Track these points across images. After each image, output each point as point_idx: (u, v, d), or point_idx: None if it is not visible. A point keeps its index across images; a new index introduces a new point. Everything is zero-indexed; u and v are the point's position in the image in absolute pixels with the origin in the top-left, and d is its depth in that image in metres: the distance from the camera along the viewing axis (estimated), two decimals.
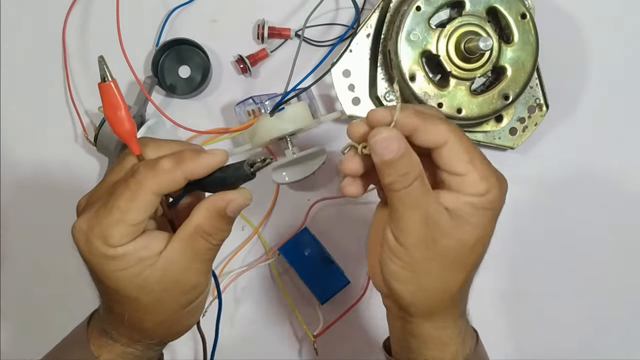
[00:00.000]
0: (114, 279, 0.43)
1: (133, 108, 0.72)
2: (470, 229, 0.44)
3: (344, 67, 0.72)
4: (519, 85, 0.67)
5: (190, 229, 0.44)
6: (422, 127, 0.44)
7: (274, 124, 0.70)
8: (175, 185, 0.43)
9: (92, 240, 0.42)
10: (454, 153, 0.44)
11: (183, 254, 0.44)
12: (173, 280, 0.44)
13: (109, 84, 0.43)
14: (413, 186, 0.43)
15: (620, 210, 0.78)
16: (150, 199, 0.42)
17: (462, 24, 0.66)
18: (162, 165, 0.42)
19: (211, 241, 0.45)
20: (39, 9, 0.77)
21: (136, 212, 0.42)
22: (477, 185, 0.44)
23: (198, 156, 0.43)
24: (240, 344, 0.76)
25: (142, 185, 0.42)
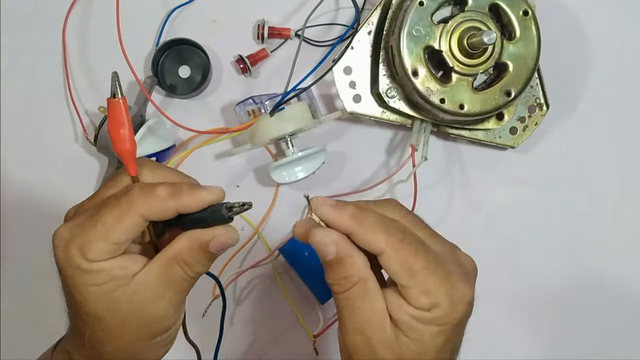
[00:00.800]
0: (83, 293, 0.42)
1: (133, 108, 0.72)
2: (410, 344, 0.42)
3: (345, 64, 0.72)
4: (521, 82, 0.67)
5: (169, 254, 0.43)
6: (356, 233, 0.42)
7: (274, 124, 0.70)
8: (165, 215, 0.42)
9: (70, 250, 0.42)
10: (390, 266, 0.41)
11: (157, 279, 0.43)
12: (142, 305, 0.43)
13: (118, 101, 0.44)
14: (351, 291, 0.42)
15: (620, 210, 0.78)
16: (137, 222, 0.41)
17: (465, 19, 0.66)
18: (157, 191, 0.42)
19: (187, 272, 0.44)
20: (39, 9, 0.77)
21: (120, 231, 0.41)
22: (419, 299, 0.41)
23: (195, 191, 0.42)
24: (240, 344, 0.76)
25: (133, 206, 0.41)
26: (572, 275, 0.78)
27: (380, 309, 0.42)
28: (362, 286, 0.42)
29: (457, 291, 0.42)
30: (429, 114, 0.70)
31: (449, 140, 0.77)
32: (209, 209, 0.44)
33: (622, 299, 0.78)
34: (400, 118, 0.72)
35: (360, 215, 0.42)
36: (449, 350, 0.43)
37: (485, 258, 0.77)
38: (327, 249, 0.42)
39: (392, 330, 0.42)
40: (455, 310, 0.41)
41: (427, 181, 0.74)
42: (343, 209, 0.42)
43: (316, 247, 0.42)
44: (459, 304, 0.42)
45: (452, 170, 0.77)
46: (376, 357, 0.42)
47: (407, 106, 0.71)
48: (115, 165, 0.73)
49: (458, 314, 0.42)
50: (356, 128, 0.77)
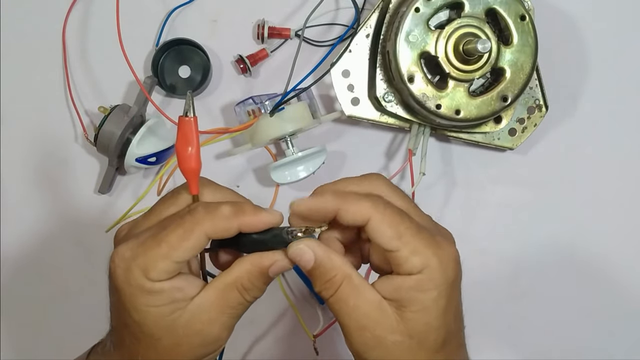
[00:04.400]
0: (143, 312, 0.42)
1: (133, 108, 0.72)
2: (418, 318, 0.42)
3: (343, 67, 0.72)
4: (517, 87, 0.67)
5: (228, 280, 0.44)
6: (341, 208, 0.42)
7: (274, 124, 0.70)
8: (228, 233, 0.42)
9: (132, 270, 0.42)
10: (377, 230, 0.42)
11: (215, 303, 0.44)
12: (198, 328, 0.44)
13: (190, 120, 0.44)
14: (340, 291, 0.43)
15: (620, 210, 0.78)
16: (201, 241, 0.42)
17: (461, 25, 0.66)
18: (222, 210, 0.42)
19: (245, 297, 0.44)
20: (39, 9, 0.77)
21: (185, 250, 0.41)
22: (409, 261, 0.42)
23: (258, 212, 0.43)
24: (240, 344, 0.77)
25: (198, 225, 0.41)
26: (573, 275, 0.78)
27: (374, 298, 0.43)
28: (348, 283, 0.43)
29: (444, 250, 0.43)
30: (425, 119, 0.70)
31: (447, 142, 0.77)
32: (269, 233, 0.44)
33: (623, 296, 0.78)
34: (398, 121, 0.73)
35: (341, 192, 0.44)
36: (452, 313, 0.44)
37: (486, 258, 0.78)
38: (304, 256, 0.43)
39: (393, 312, 0.43)
40: (447, 268, 0.42)
41: (426, 182, 0.74)
42: (322, 193, 0.44)
43: (294, 260, 0.43)
44: (449, 263, 0.43)
45: (450, 171, 0.77)
46: (387, 345, 0.43)
47: (404, 110, 0.71)
48: (115, 165, 0.74)
49: (450, 272, 0.43)
50: (356, 129, 0.78)
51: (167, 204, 0.46)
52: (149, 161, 0.72)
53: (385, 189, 0.46)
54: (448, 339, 0.44)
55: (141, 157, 0.71)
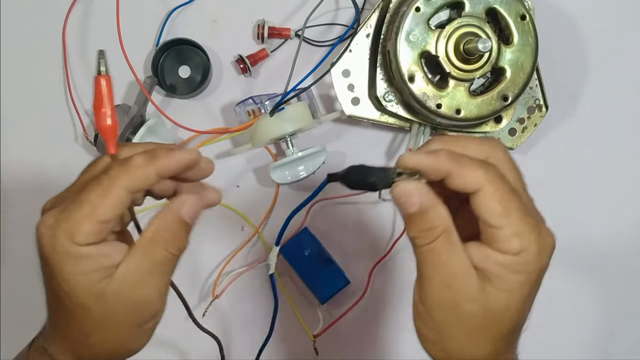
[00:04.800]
0: (72, 281, 0.41)
1: (133, 108, 0.72)
2: (499, 295, 0.41)
3: (343, 67, 0.72)
4: (518, 87, 0.67)
5: (148, 235, 0.43)
6: (456, 172, 0.40)
7: (274, 124, 0.70)
8: (147, 182, 0.41)
9: (58, 236, 0.40)
10: (486, 203, 0.40)
11: (140, 264, 0.43)
12: (128, 294, 0.42)
13: (101, 78, 0.43)
14: (436, 243, 0.41)
15: (621, 210, 0.78)
16: (122, 195, 0.41)
17: (462, 24, 0.66)
18: (134, 161, 0.41)
19: (169, 249, 0.43)
20: (39, 9, 0.77)
21: (107, 207, 0.40)
22: (510, 241, 0.40)
23: (171, 152, 0.42)
24: (240, 344, 0.77)
25: (115, 181, 0.40)
26: (573, 275, 0.78)
27: (465, 261, 0.41)
28: (447, 237, 0.41)
29: (545, 238, 0.41)
30: (426, 119, 0.70)
31: None
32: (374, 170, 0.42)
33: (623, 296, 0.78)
34: (398, 121, 0.73)
35: (457, 154, 0.41)
36: (530, 302, 0.43)
37: None
38: (412, 197, 0.40)
39: (478, 282, 0.41)
40: (542, 256, 0.41)
41: None
42: (436, 151, 0.41)
43: (399, 200, 0.41)
44: (546, 251, 0.41)
45: None
46: (462, 311, 0.41)
47: (404, 110, 0.71)
48: None
49: (544, 260, 0.41)
50: (356, 128, 0.78)
51: (88, 171, 0.45)
52: None
53: (503, 160, 0.44)
54: (516, 328, 0.44)
55: None
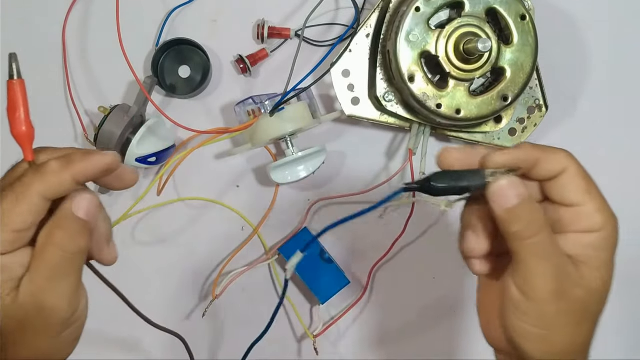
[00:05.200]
0: None
1: (133, 108, 0.72)
2: (595, 275, 0.41)
3: (343, 67, 0.72)
4: (518, 87, 0.67)
5: (42, 239, 0.40)
6: (543, 157, 0.42)
7: (274, 124, 0.70)
8: (63, 188, 0.40)
9: None
10: (572, 181, 0.42)
11: (39, 271, 0.40)
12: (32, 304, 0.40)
13: (14, 83, 0.41)
14: (541, 235, 0.40)
15: (620, 210, 0.78)
16: (36, 202, 0.39)
17: (462, 24, 0.66)
18: (49, 166, 0.39)
19: (65, 250, 0.40)
20: (39, 9, 0.77)
21: (20, 216, 0.39)
22: (593, 217, 0.42)
23: (87, 156, 0.40)
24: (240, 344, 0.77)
25: (28, 188, 0.39)
26: None
27: (562, 250, 0.42)
28: (549, 229, 0.41)
29: (614, 218, 0.43)
30: (426, 119, 0.70)
31: (448, 142, 0.77)
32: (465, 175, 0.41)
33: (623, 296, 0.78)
34: (398, 121, 0.73)
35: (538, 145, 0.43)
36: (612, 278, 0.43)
37: None
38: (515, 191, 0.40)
39: (574, 268, 0.42)
40: (616, 234, 0.43)
41: None
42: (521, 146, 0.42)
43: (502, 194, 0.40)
44: (617, 228, 0.43)
45: None
46: (571, 298, 0.41)
47: (404, 110, 0.71)
48: None
49: (617, 239, 0.43)
50: (356, 129, 0.78)
51: (6, 177, 0.42)
52: (149, 161, 0.72)
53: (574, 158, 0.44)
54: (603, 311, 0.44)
55: (141, 157, 0.71)
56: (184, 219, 0.77)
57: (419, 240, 0.77)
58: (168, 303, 0.77)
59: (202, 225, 0.77)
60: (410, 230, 0.74)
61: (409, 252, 0.77)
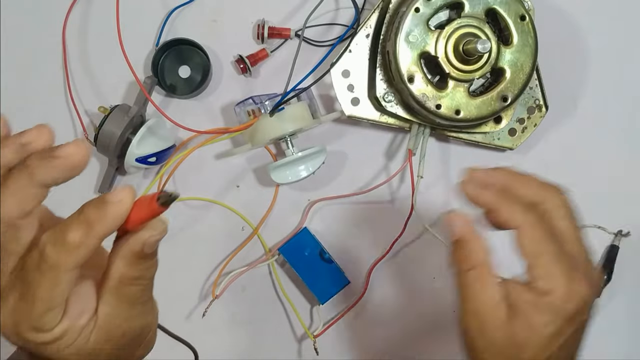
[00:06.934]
0: (63, 356, 0.40)
1: (133, 108, 0.72)
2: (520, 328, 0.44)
3: (343, 67, 0.72)
4: (517, 87, 0.67)
5: (114, 282, 0.40)
6: (495, 209, 0.45)
7: (274, 124, 0.70)
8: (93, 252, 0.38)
9: (24, 335, 0.38)
10: (523, 241, 0.44)
11: (119, 306, 0.41)
12: (121, 333, 0.42)
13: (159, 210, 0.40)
14: (470, 273, 0.45)
15: (621, 210, 0.78)
16: (71, 277, 0.38)
17: (461, 25, 0.66)
18: (71, 240, 0.37)
19: (142, 283, 0.42)
20: (39, 9, 0.77)
21: (61, 295, 0.38)
22: (537, 281, 0.43)
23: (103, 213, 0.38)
24: (241, 344, 0.77)
25: (59, 269, 0.37)
26: None
27: (495, 294, 0.44)
28: (479, 270, 0.45)
29: (576, 286, 0.43)
30: (425, 119, 0.70)
31: (447, 142, 0.77)
32: None
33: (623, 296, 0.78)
34: (398, 122, 0.73)
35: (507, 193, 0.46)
36: (559, 343, 0.44)
37: None
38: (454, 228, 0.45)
39: (505, 314, 0.44)
40: (569, 302, 0.43)
41: (426, 183, 0.74)
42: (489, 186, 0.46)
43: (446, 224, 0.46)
44: (574, 298, 0.43)
45: (451, 171, 0.77)
46: (488, 337, 0.44)
47: (404, 111, 0.71)
48: (115, 165, 0.74)
49: (571, 306, 0.43)
50: (356, 129, 0.78)
51: None
52: (149, 161, 0.72)
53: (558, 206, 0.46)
54: None
55: (141, 157, 0.71)
56: (184, 219, 0.77)
57: (419, 240, 0.77)
58: (168, 303, 0.76)
59: (202, 225, 0.77)
60: (410, 230, 0.74)
61: (408, 252, 0.77)
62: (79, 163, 0.38)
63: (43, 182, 0.38)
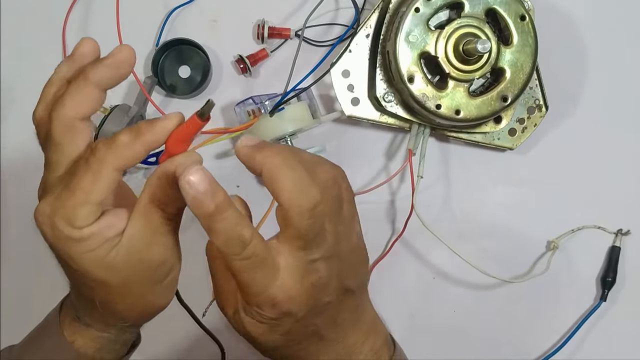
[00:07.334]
0: (81, 261, 0.42)
1: (133, 108, 0.72)
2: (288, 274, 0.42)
3: (343, 67, 0.72)
4: (517, 87, 0.67)
5: (144, 201, 0.43)
6: None
7: (274, 124, 0.70)
8: (137, 159, 0.41)
9: (56, 224, 0.41)
10: None
11: (143, 228, 0.43)
12: (138, 258, 0.43)
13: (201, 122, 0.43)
14: None
15: (621, 210, 0.78)
16: (113, 176, 0.41)
17: (461, 25, 0.66)
18: (120, 140, 0.41)
19: (168, 210, 0.44)
20: (39, 9, 0.77)
21: (100, 191, 0.41)
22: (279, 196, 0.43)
23: (154, 124, 0.42)
24: (241, 344, 0.77)
25: (104, 164, 0.40)
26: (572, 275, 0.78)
27: None
28: None
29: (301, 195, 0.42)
30: (425, 119, 0.70)
31: (447, 142, 0.77)
32: None
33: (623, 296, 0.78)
34: (398, 122, 0.73)
35: None
36: None
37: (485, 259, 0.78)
38: None
39: None
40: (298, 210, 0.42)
41: (426, 183, 0.74)
42: None
43: None
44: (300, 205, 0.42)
45: (450, 171, 0.77)
46: None
47: (404, 111, 0.71)
48: None
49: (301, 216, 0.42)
50: (356, 129, 0.78)
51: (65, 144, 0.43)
52: (149, 161, 0.72)
53: None
54: None
55: None
56: (184, 219, 0.77)
57: (419, 240, 0.77)
58: None
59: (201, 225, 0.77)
60: (410, 230, 0.74)
61: (408, 252, 0.77)
62: (126, 59, 0.44)
63: (97, 82, 0.42)
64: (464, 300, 0.78)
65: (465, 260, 0.71)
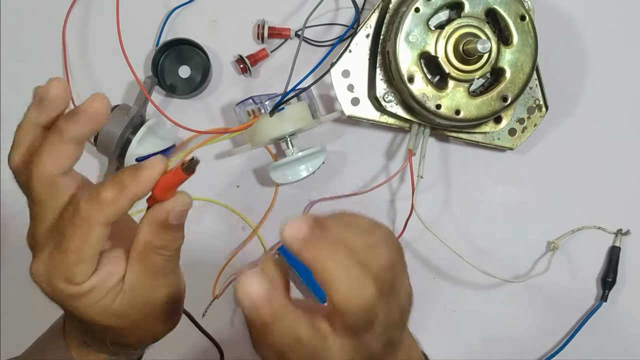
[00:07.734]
0: (88, 313, 0.42)
1: (133, 108, 0.72)
2: None
3: (343, 67, 0.72)
4: (517, 87, 0.67)
5: (140, 249, 0.43)
6: None
7: (274, 124, 0.70)
8: (123, 211, 0.40)
9: (55, 284, 0.41)
10: None
11: (143, 274, 0.43)
12: (143, 302, 0.44)
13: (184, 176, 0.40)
14: None
15: (621, 210, 0.78)
16: (101, 232, 0.40)
17: (461, 25, 0.66)
18: (104, 197, 0.39)
19: (165, 254, 0.43)
20: (39, 9, 0.77)
21: (92, 247, 0.40)
22: None
23: (137, 176, 0.40)
24: (241, 344, 0.77)
25: (91, 222, 0.39)
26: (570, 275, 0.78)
27: None
28: None
29: None
30: (425, 119, 0.70)
31: (447, 142, 0.77)
32: None
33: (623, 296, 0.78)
34: (398, 122, 0.73)
35: None
36: None
37: (485, 258, 0.78)
38: None
39: None
40: None
41: (426, 183, 0.74)
42: None
43: None
44: None
45: (450, 171, 0.77)
46: None
47: (404, 111, 0.71)
48: (115, 165, 0.74)
49: None
50: (356, 129, 0.78)
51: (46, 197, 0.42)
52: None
53: None
54: None
55: (141, 157, 0.71)
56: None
57: (419, 240, 0.77)
58: None
59: (202, 225, 0.77)
60: (410, 230, 0.74)
61: (408, 252, 0.77)
62: (99, 112, 0.41)
63: (72, 137, 0.40)
64: (464, 300, 0.78)
65: (466, 260, 0.71)
